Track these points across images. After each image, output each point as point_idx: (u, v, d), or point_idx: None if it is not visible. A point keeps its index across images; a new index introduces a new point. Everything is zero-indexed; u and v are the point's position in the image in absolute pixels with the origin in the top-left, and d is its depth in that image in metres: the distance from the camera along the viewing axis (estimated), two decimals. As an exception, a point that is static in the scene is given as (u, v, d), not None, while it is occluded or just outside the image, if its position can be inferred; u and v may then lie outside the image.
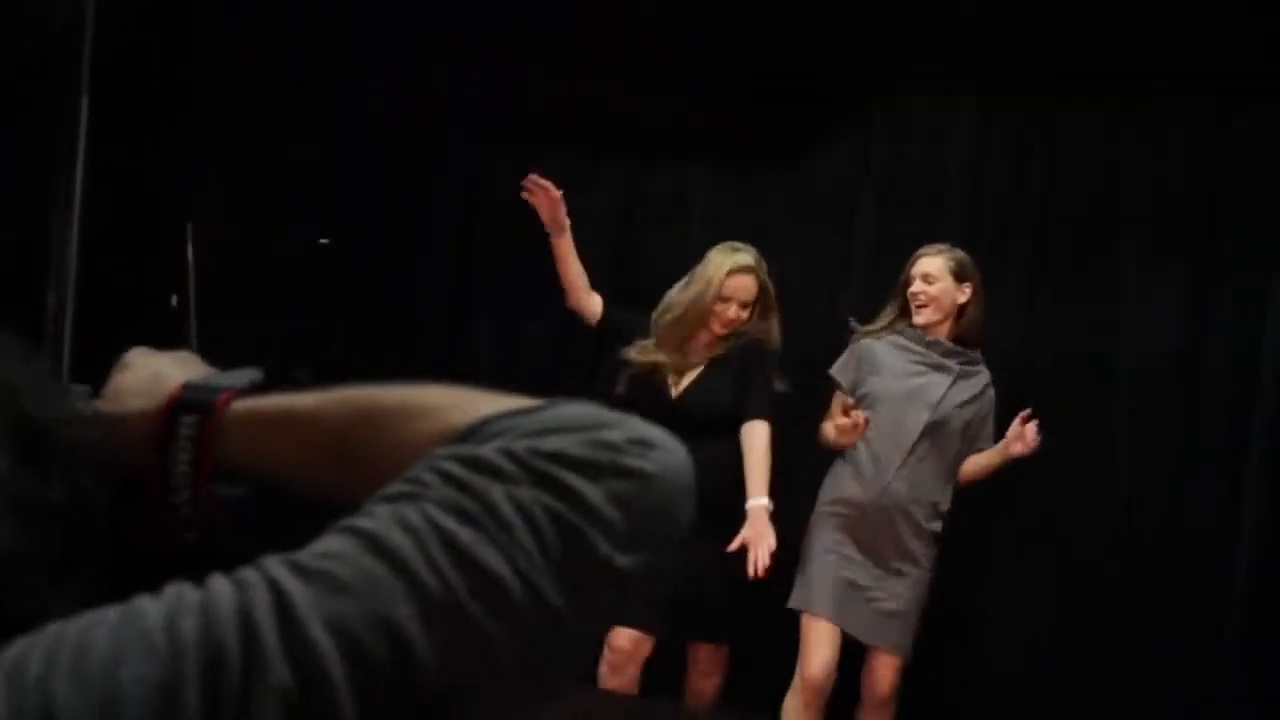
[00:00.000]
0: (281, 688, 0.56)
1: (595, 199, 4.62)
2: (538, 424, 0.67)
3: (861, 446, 3.74)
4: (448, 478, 0.64)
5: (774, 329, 3.88)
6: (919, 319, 3.77)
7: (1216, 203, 4.01)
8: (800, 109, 4.36)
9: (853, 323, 3.93)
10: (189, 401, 0.78)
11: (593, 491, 0.64)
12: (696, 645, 3.91)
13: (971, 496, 3.89)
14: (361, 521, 0.63)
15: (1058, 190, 4.19)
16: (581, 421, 0.68)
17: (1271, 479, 3.82)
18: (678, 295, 3.88)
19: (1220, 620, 3.85)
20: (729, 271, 3.80)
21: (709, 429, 3.70)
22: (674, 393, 3.81)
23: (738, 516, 3.69)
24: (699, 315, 3.82)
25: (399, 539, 0.61)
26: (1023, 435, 3.70)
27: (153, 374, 0.81)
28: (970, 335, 3.82)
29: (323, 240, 4.65)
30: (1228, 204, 4.00)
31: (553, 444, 0.65)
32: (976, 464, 3.81)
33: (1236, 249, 3.98)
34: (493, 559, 0.61)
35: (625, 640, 3.76)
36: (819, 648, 3.66)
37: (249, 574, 0.60)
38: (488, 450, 0.65)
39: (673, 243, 4.35)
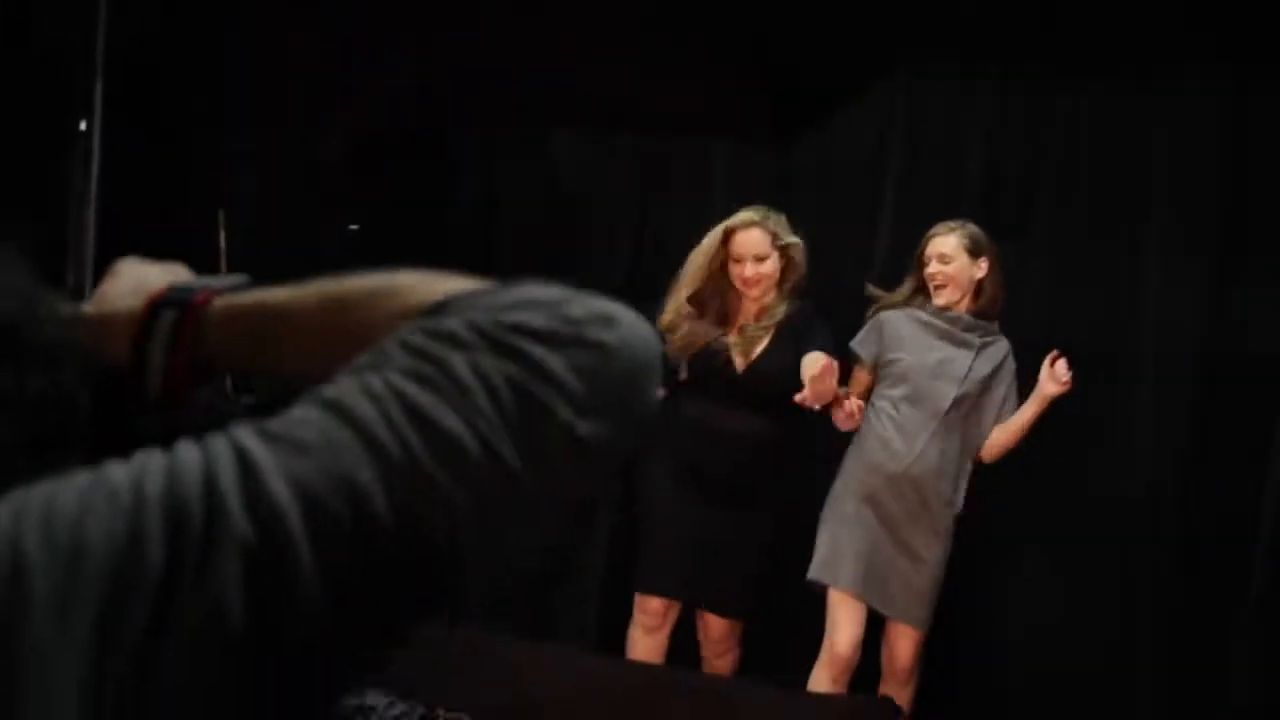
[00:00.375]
0: (242, 540, 0.58)
1: (615, 182, 4.63)
2: (503, 300, 0.69)
3: (889, 419, 3.73)
4: (411, 349, 0.66)
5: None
6: (939, 300, 3.76)
7: (1238, 181, 3.97)
8: (819, 87, 4.34)
9: (871, 289, 3.93)
10: (170, 299, 0.80)
11: (553, 360, 0.66)
12: (708, 622, 3.94)
13: (995, 474, 3.89)
14: (327, 390, 0.65)
15: (1078, 171, 4.16)
16: (545, 298, 0.69)
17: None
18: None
19: (1239, 604, 3.83)
20: (725, 231, 3.84)
21: (768, 400, 3.76)
22: (740, 364, 3.81)
23: (771, 495, 3.78)
24: (701, 277, 3.83)
25: (361, 404, 0.63)
26: (1054, 375, 3.68)
27: (140, 280, 0.84)
28: (990, 308, 3.81)
29: (352, 226, 4.68)
30: (1250, 183, 3.96)
31: (515, 317, 0.67)
32: (1016, 421, 3.77)
33: (1259, 227, 3.94)
34: (451, 421, 0.63)
35: (658, 603, 3.81)
36: (847, 624, 3.67)
37: (215, 439, 0.62)
38: (451, 322, 0.67)
39: (695, 225, 4.32)
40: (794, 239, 3.87)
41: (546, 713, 2.49)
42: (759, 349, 3.81)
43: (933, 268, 3.75)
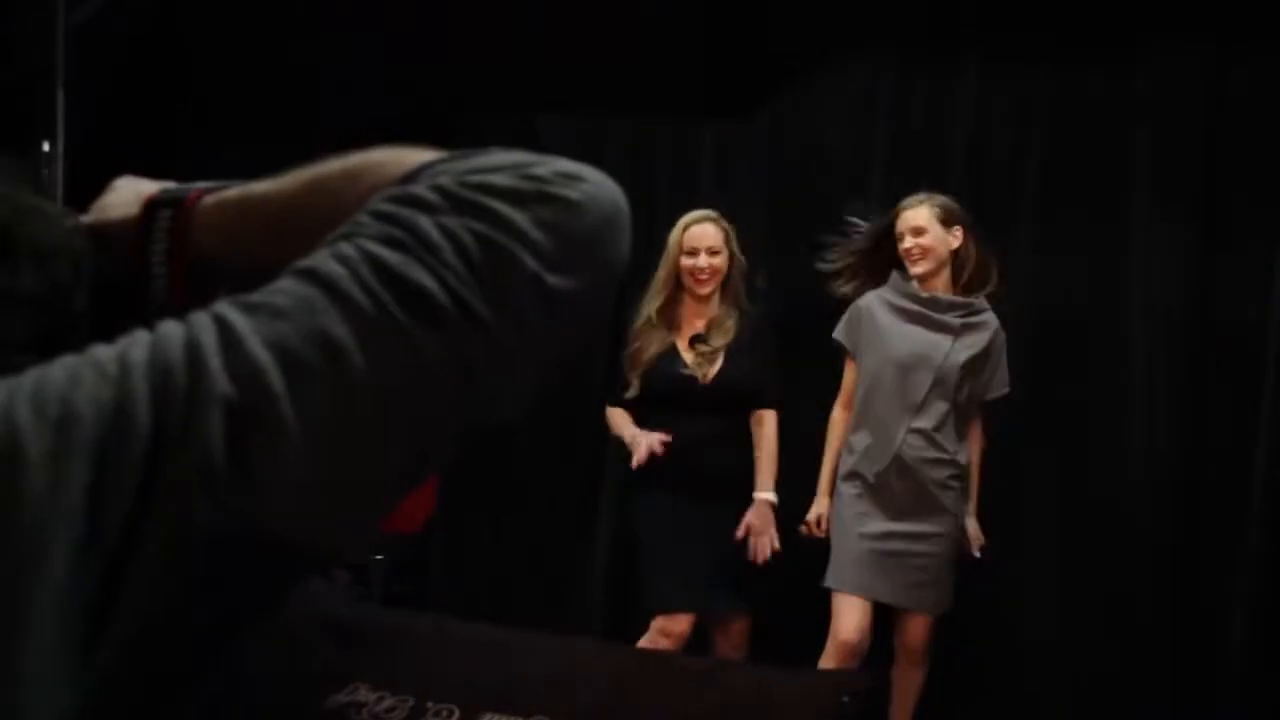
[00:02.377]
0: (224, 397, 0.61)
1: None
2: (468, 164, 0.71)
3: (870, 415, 3.72)
4: (380, 216, 0.68)
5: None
6: (916, 270, 3.72)
7: (1219, 151, 3.99)
8: (800, 71, 4.36)
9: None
10: (164, 199, 0.84)
11: (518, 216, 0.68)
12: (720, 615, 3.94)
13: (995, 451, 3.91)
14: (302, 261, 0.67)
15: (1062, 147, 4.17)
16: (510, 159, 0.71)
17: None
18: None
19: (1234, 567, 3.86)
20: (684, 226, 3.91)
21: (742, 408, 3.86)
22: (704, 378, 3.83)
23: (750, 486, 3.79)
24: (671, 277, 3.89)
25: (334, 268, 0.65)
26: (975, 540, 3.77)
27: (135, 191, 0.87)
28: (976, 280, 3.76)
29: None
30: (1230, 152, 3.98)
31: (479, 178, 0.69)
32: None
33: (1241, 197, 3.96)
34: (421, 276, 0.65)
35: (672, 624, 3.79)
36: (849, 613, 3.65)
37: (198, 314, 0.65)
38: (418, 188, 0.69)
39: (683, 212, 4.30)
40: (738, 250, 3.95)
41: (537, 698, 2.49)
42: (719, 363, 3.84)
43: (907, 242, 3.72)
